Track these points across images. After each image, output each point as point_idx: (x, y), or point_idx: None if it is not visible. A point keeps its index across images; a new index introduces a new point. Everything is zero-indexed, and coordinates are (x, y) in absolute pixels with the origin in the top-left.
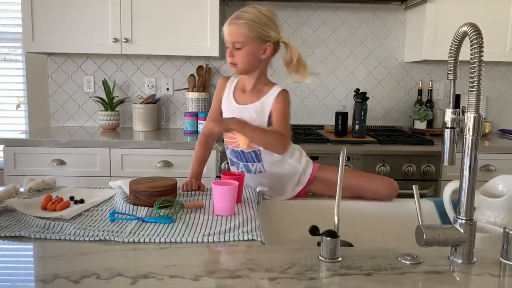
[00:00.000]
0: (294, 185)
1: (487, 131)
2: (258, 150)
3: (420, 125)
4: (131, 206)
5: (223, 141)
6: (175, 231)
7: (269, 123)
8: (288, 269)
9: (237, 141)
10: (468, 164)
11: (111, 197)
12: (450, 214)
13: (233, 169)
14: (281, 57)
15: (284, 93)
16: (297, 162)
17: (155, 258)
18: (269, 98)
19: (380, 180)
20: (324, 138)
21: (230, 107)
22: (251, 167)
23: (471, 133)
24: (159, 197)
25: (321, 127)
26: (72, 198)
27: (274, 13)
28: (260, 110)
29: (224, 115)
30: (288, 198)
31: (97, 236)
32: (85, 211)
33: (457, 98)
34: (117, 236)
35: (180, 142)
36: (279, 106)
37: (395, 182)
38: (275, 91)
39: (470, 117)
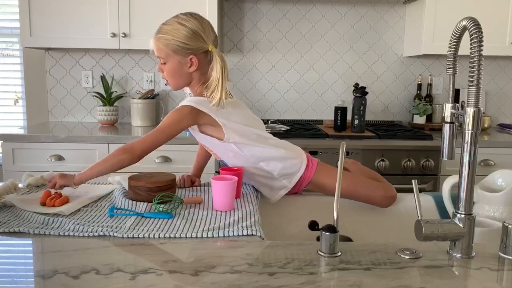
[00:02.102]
0: (276, 189)
1: (486, 125)
2: (222, 159)
3: (419, 119)
4: (130, 201)
5: None
6: (174, 226)
7: (203, 132)
8: (288, 264)
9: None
10: (467, 159)
11: (110, 192)
12: (449, 208)
13: None
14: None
15: (178, 108)
16: (272, 167)
17: (154, 254)
18: None
19: (377, 189)
20: (323, 133)
21: None
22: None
23: (470, 128)
24: (158, 192)
25: (320, 122)
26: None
27: (201, 21)
28: None
29: None
30: (273, 202)
31: (96, 231)
32: (84, 206)
33: (457, 92)
34: (116, 232)
35: (179, 137)
36: (164, 119)
37: (393, 190)
38: None
39: (469, 112)
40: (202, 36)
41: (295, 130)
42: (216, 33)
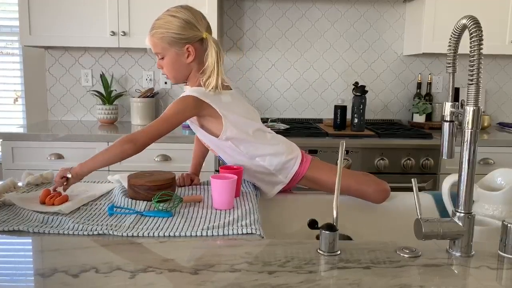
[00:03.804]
0: (272, 184)
1: (486, 124)
2: (219, 155)
3: (419, 118)
4: (130, 200)
5: None
6: (173, 225)
7: (202, 125)
8: (287, 263)
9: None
10: (467, 158)
11: (110, 191)
12: (449, 207)
13: None
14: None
15: (181, 98)
16: (268, 163)
17: (154, 252)
18: None
19: (369, 183)
20: (323, 132)
21: None
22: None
23: (470, 127)
24: (158, 191)
25: (319, 120)
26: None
27: (192, 11)
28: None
29: None
30: (270, 197)
31: (96, 230)
32: (83, 205)
33: (456, 91)
34: (115, 230)
35: (178, 136)
36: (167, 109)
37: (386, 185)
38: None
39: (469, 110)
40: (195, 24)
41: (294, 129)
42: (216, 31)
